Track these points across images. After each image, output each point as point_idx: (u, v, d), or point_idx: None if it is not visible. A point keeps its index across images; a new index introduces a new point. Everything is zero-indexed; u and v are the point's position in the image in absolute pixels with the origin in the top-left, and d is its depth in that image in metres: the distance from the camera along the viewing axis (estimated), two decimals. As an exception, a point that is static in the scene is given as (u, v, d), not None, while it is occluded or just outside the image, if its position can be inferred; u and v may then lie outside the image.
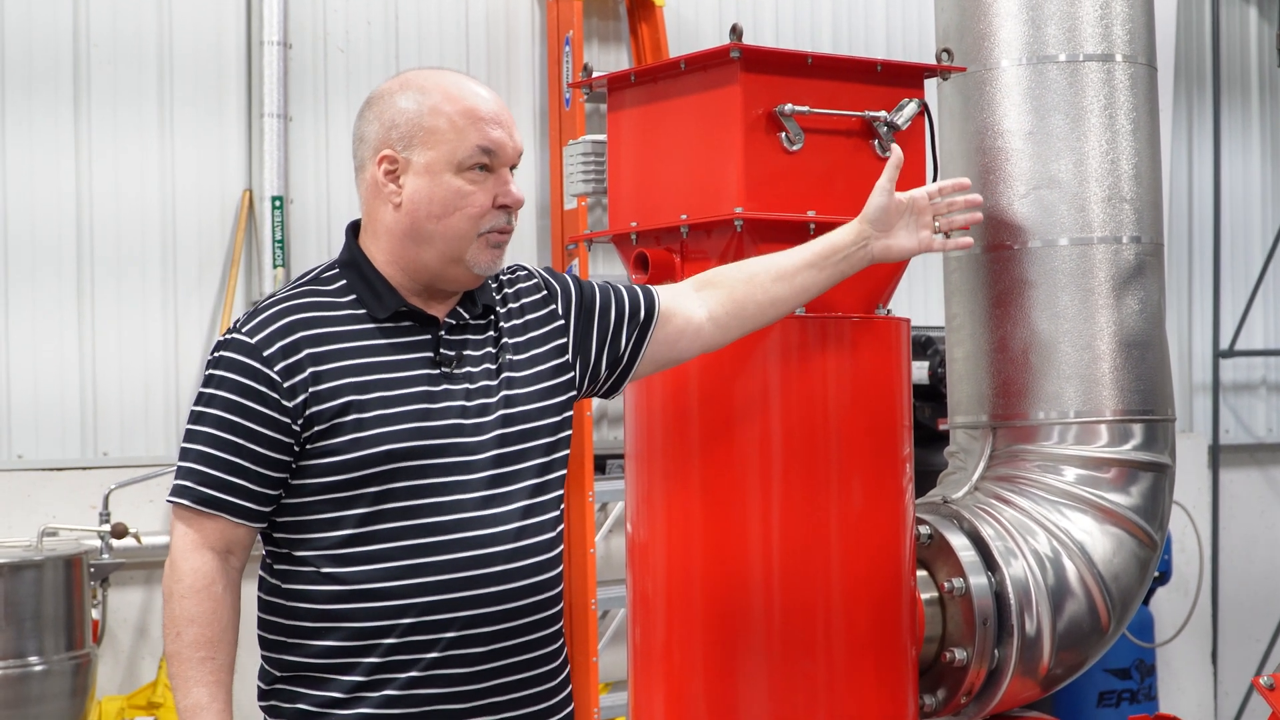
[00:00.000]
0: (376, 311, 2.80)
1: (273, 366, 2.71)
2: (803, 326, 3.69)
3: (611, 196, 4.01)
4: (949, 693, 4.14)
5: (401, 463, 2.70)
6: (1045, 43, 4.29)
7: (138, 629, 6.18)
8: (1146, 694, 6.98)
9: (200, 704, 2.68)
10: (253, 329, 2.75)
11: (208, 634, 2.70)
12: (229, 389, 2.72)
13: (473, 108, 2.81)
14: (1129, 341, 4.28)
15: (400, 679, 2.71)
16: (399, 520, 2.72)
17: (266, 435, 2.70)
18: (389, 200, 2.81)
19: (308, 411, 2.70)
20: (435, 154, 2.78)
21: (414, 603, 2.71)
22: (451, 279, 2.83)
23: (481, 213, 2.80)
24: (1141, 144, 4.34)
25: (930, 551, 4.18)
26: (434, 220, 2.78)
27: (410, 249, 2.81)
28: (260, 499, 2.73)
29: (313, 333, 2.75)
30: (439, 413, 2.76)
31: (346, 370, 2.73)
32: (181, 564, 2.72)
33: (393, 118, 2.81)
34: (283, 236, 6.34)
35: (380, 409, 2.72)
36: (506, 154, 2.83)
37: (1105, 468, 4.25)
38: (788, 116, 3.68)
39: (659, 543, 3.80)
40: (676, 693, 3.75)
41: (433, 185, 2.78)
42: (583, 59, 6.59)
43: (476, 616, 2.73)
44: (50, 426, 6.15)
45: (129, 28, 6.29)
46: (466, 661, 2.74)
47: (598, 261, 6.81)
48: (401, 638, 2.71)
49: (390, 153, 2.80)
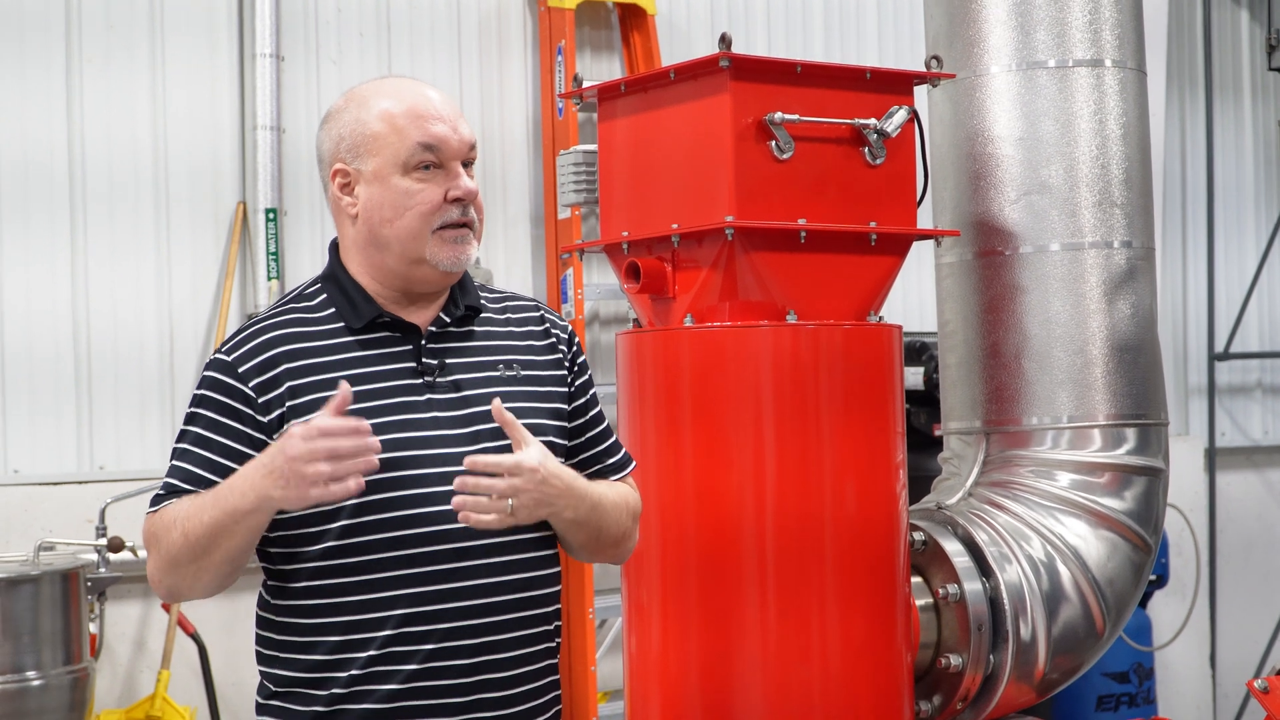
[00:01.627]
0: (353, 321, 2.80)
1: (248, 383, 2.73)
2: (795, 334, 3.69)
3: (603, 206, 4.02)
4: (945, 699, 4.15)
5: (381, 474, 2.67)
6: (1035, 49, 4.30)
7: (135, 642, 6.17)
8: (1145, 697, 6.98)
9: (244, 492, 2.61)
10: (231, 348, 2.78)
11: (194, 509, 2.66)
12: (208, 407, 2.75)
13: (412, 107, 2.80)
14: (1121, 346, 4.29)
15: (380, 691, 2.70)
16: (379, 532, 2.71)
17: (244, 452, 2.70)
18: (347, 212, 2.82)
19: (284, 426, 2.70)
20: (381, 159, 2.78)
21: (392, 614, 2.70)
22: (420, 280, 2.82)
23: (433, 209, 2.78)
24: (1132, 148, 4.35)
25: (925, 557, 4.19)
26: (387, 224, 2.78)
27: (375, 256, 2.81)
28: None
29: (290, 348, 2.76)
30: (421, 423, 2.75)
31: (324, 384, 2.72)
32: (158, 529, 2.70)
33: (339, 131, 2.82)
34: (276, 250, 6.33)
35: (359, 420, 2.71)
36: (451, 147, 2.80)
37: (1099, 472, 4.25)
38: (777, 125, 3.68)
39: (654, 549, 3.81)
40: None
41: (383, 190, 2.78)
42: (575, 68, 6.59)
43: (456, 629, 2.72)
44: (46, 440, 6.15)
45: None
46: (448, 674, 2.72)
47: (592, 271, 6.80)
48: (381, 649, 2.70)
49: (341, 166, 2.81)
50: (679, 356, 3.77)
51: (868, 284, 3.84)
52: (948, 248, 4.45)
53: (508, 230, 6.78)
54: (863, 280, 3.83)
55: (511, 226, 6.80)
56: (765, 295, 3.72)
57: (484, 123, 6.69)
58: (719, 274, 3.71)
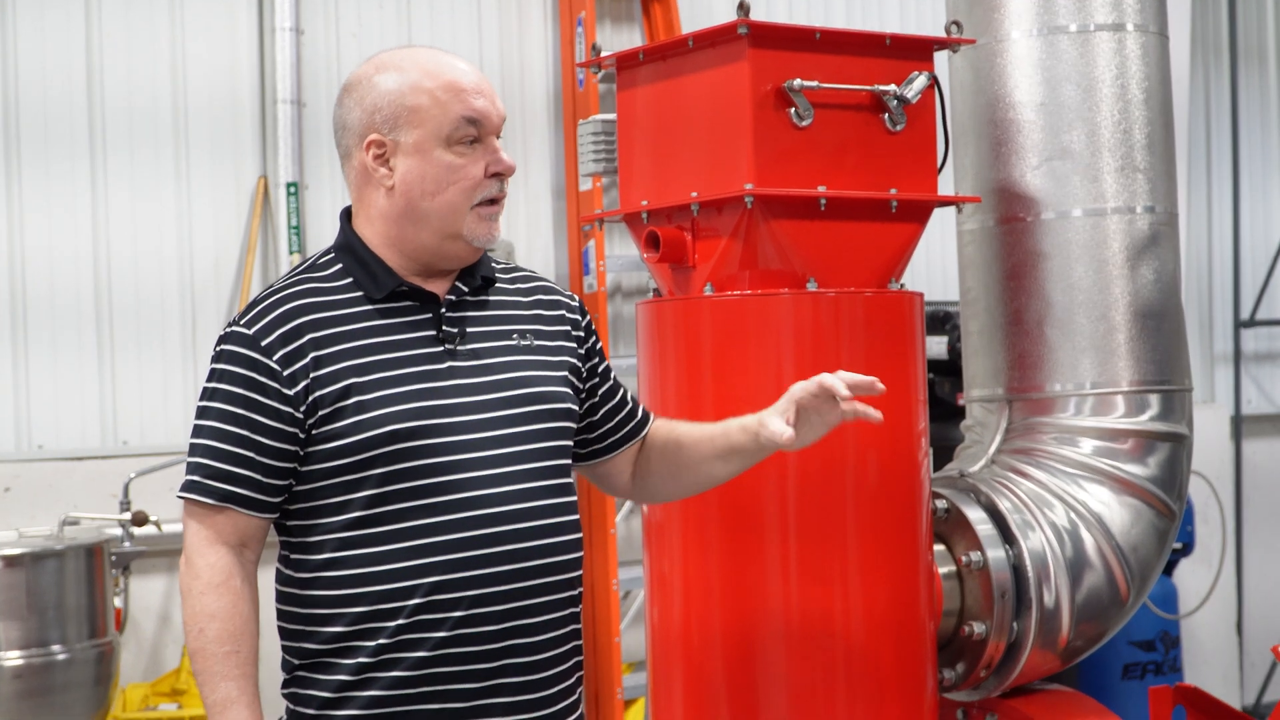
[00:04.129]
0: (373, 292, 2.79)
1: (272, 355, 2.71)
2: (815, 302, 3.68)
3: (622, 176, 4.01)
4: (968, 666, 4.14)
5: (406, 442, 2.69)
6: (1056, 13, 4.27)
7: (160, 616, 6.20)
8: (1171, 666, 6.96)
9: (230, 698, 2.68)
10: (250, 320, 2.76)
11: (229, 628, 2.69)
12: (230, 381, 2.73)
13: (453, 80, 2.79)
14: (1144, 312, 4.26)
15: (409, 659, 2.70)
16: (406, 500, 2.71)
17: (270, 425, 2.70)
18: (381, 184, 2.80)
19: (310, 397, 2.70)
20: (422, 131, 2.77)
21: (421, 583, 2.69)
22: (450, 255, 2.82)
23: (475, 184, 2.79)
24: (1154, 113, 4.32)
25: (948, 526, 4.17)
26: (429, 198, 2.77)
27: (407, 229, 2.80)
28: (268, 489, 2.73)
29: (311, 318, 2.75)
30: (443, 391, 2.75)
31: (346, 353, 2.72)
32: (197, 560, 2.72)
33: (374, 101, 2.79)
34: (299, 223, 6.34)
35: (382, 389, 2.71)
36: (492, 122, 2.81)
37: (1122, 439, 4.24)
38: (796, 92, 3.66)
39: (676, 533, 3.80)
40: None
41: (424, 163, 2.77)
42: (595, 38, 6.57)
43: (484, 595, 2.72)
44: (70, 417, 6.17)
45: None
46: (476, 640, 2.72)
47: (614, 243, 6.80)
48: (410, 618, 2.70)
49: (377, 136, 2.79)
50: (699, 325, 3.76)
51: (888, 251, 3.83)
52: (969, 214, 4.43)
53: (530, 203, 6.78)
54: (883, 248, 3.81)
55: (534, 200, 6.79)
56: (785, 263, 3.71)
57: (505, 95, 6.67)
58: (739, 242, 3.69)
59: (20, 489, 6.03)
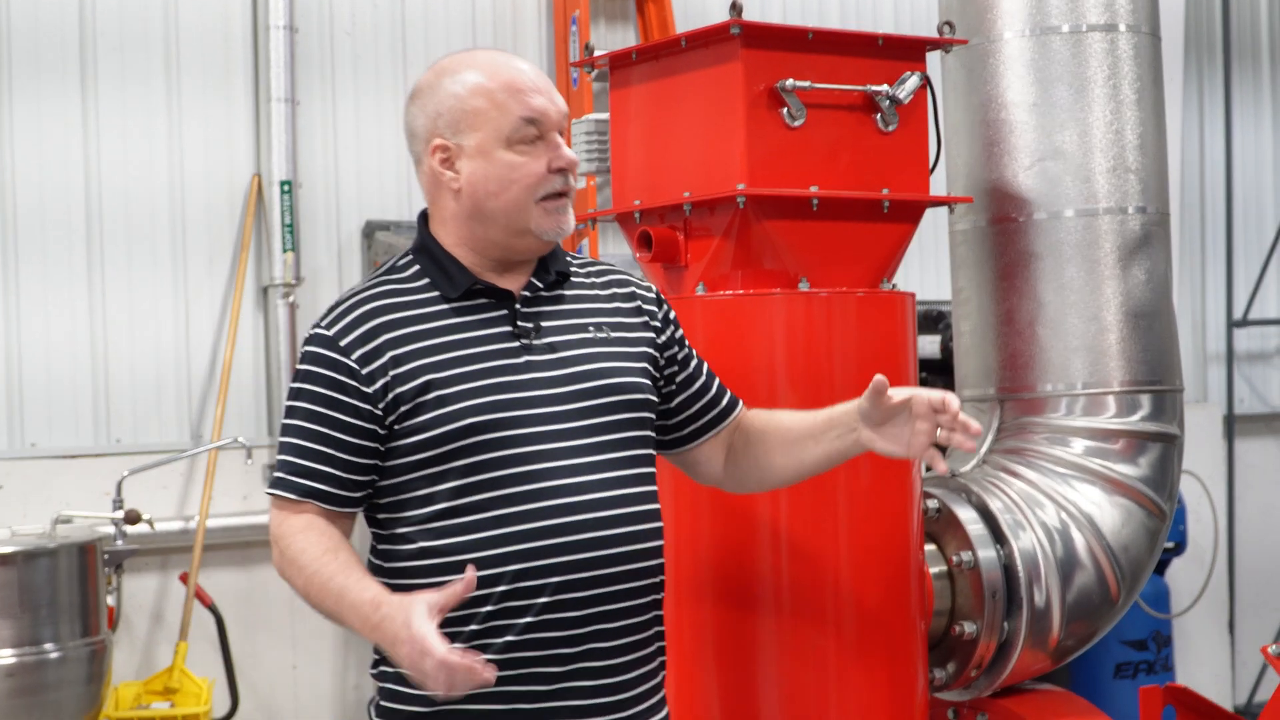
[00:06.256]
0: (448, 291, 2.88)
1: (350, 355, 2.81)
2: (808, 301, 3.68)
3: (615, 175, 4.02)
4: (959, 666, 4.15)
5: (486, 434, 2.77)
6: (1048, 13, 4.28)
7: (153, 615, 6.20)
8: (1163, 665, 6.97)
9: (375, 597, 2.67)
10: (330, 322, 2.86)
11: (326, 542, 2.76)
12: (313, 382, 2.83)
13: (510, 80, 2.87)
14: (1136, 312, 4.27)
15: (498, 643, 2.77)
16: (489, 491, 2.78)
17: (352, 424, 2.80)
18: (449, 187, 2.89)
19: (389, 395, 2.79)
20: (484, 134, 2.85)
21: (508, 570, 2.76)
22: (522, 249, 2.91)
23: (537, 181, 2.86)
24: (1146, 114, 4.33)
25: (939, 525, 4.18)
26: (494, 198, 2.86)
27: (477, 229, 2.89)
28: (350, 485, 2.82)
29: (388, 318, 2.84)
30: (521, 384, 2.83)
31: (424, 351, 2.81)
32: (287, 545, 2.79)
33: (436, 107, 2.88)
34: (292, 220, 6.34)
35: (460, 384, 2.79)
36: (551, 119, 2.88)
37: (1113, 439, 4.24)
38: (789, 92, 3.67)
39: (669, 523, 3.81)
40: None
41: (487, 164, 2.85)
42: (588, 38, 6.58)
43: (570, 582, 2.78)
44: (63, 414, 6.17)
45: (135, 13, 6.29)
46: (562, 625, 2.79)
47: (607, 241, 6.80)
48: (498, 604, 2.77)
49: (441, 141, 2.87)
50: (691, 325, 3.75)
51: (881, 251, 3.83)
52: (961, 215, 4.44)
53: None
54: (876, 248, 3.82)
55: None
56: (778, 263, 3.71)
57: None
58: (731, 242, 3.70)
59: (13, 487, 6.04)
